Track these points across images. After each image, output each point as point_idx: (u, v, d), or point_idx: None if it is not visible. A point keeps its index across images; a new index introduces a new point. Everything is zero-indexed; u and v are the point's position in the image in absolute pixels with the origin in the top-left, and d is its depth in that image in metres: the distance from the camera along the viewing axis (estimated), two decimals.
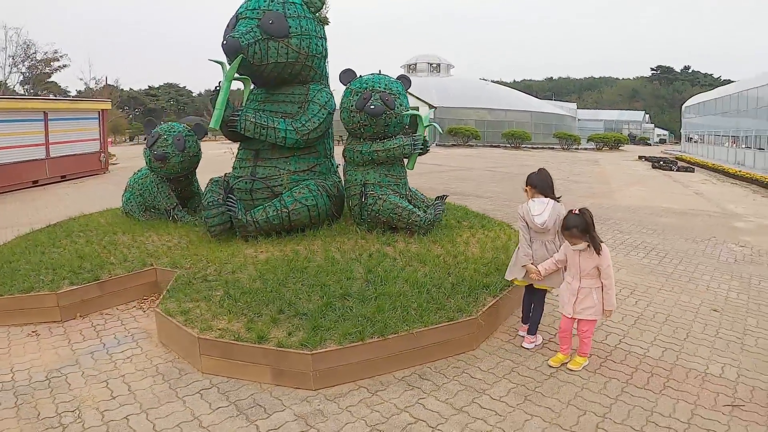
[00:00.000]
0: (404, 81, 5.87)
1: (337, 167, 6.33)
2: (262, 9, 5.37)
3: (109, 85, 44.81)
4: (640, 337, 4.24)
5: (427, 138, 5.78)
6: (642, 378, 3.53)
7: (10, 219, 9.88)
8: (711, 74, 78.26)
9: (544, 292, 4.02)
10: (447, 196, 6.19)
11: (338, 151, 5.97)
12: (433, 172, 17.51)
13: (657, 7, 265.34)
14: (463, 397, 3.19)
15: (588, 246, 3.51)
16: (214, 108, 5.39)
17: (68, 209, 10.34)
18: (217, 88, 5.48)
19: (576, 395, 3.26)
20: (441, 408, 3.07)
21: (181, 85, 74.55)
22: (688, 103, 39.77)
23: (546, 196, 3.95)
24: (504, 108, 39.72)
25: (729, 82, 68.23)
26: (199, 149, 7.05)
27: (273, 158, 5.74)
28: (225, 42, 5.20)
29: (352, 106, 5.53)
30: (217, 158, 13.13)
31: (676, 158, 28.25)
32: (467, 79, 47.49)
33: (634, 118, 62.75)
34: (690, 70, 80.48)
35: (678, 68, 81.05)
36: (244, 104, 5.63)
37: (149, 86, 69.10)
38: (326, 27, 5.87)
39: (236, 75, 5.39)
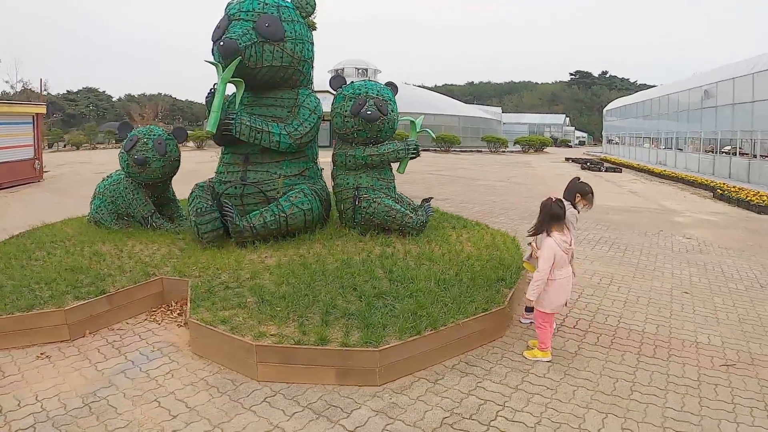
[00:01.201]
0: (393, 87, 6.37)
1: (321, 171, 6.69)
2: (256, 11, 5.62)
3: (28, 89, 42.35)
4: (633, 317, 5.00)
5: (417, 143, 6.30)
6: (649, 349, 4.26)
7: None
8: (627, 78, 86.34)
9: None
10: (432, 198, 6.75)
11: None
12: None
13: (572, 12, 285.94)
14: (514, 378, 3.70)
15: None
16: (209, 111, 5.54)
17: (14, 219, 10.06)
18: (213, 90, 5.65)
19: (603, 367, 3.91)
20: (500, 389, 3.55)
21: (101, 90, 73.44)
22: (609, 106, 43.48)
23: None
24: (433, 112, 41.34)
25: (644, 86, 75.32)
26: (179, 154, 7.06)
27: (264, 162, 5.99)
28: (222, 43, 5.38)
29: (346, 111, 5.93)
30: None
31: (601, 159, 30.81)
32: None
33: (555, 121, 67.47)
34: (607, 75, 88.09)
35: (596, 73, 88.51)
36: (236, 107, 5.84)
37: (68, 90, 66.54)
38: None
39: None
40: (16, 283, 4.82)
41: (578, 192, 4.46)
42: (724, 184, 16.91)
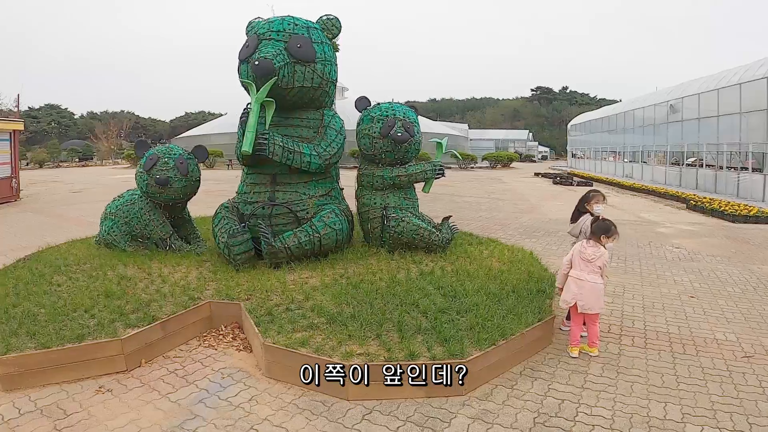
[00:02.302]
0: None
1: (342, 190, 7.02)
2: (287, 31, 5.86)
3: None
4: (655, 320, 5.55)
5: (442, 164, 6.75)
6: (679, 347, 4.81)
7: None
8: (587, 94, 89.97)
9: None
10: (451, 216, 7.22)
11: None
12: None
13: (532, 29, 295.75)
14: (577, 379, 4.14)
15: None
16: (243, 131, 5.72)
17: (4, 241, 10.15)
18: (247, 110, 5.84)
19: (647, 365, 4.41)
20: (569, 389, 3.97)
21: (63, 107, 72.68)
22: (573, 121, 45.31)
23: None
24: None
25: (604, 100, 78.47)
26: (200, 173, 7.06)
27: (292, 183, 6.22)
28: (257, 63, 5.56)
29: (374, 132, 6.32)
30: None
31: (568, 174, 32.13)
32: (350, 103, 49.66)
33: (519, 136, 69.71)
34: (568, 90, 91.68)
35: (557, 89, 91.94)
36: (267, 127, 5.91)
37: (29, 107, 65.29)
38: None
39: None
40: (50, 311, 4.71)
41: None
42: (694, 195, 18.06)
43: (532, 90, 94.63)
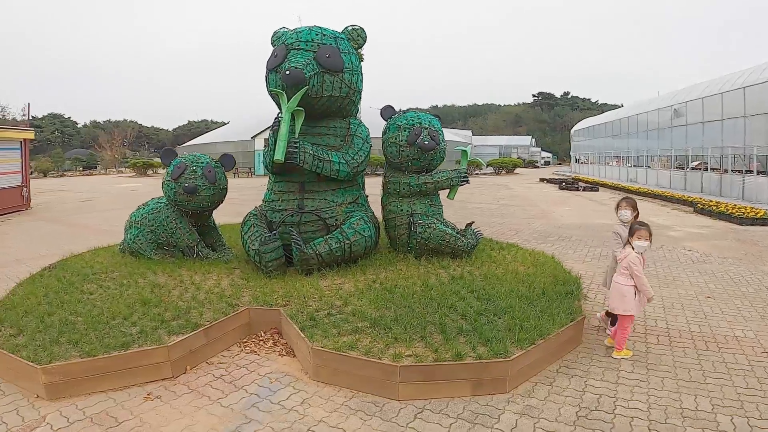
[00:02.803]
0: (438, 117, 7.08)
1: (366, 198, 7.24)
2: (315, 42, 6.04)
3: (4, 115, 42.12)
4: (676, 320, 5.77)
5: (467, 171, 7.00)
6: (702, 345, 5.03)
7: None
8: (589, 98, 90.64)
9: None
10: (474, 222, 7.44)
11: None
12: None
13: (533, 34, 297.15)
14: (610, 375, 4.35)
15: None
16: (275, 140, 5.87)
17: (23, 250, 10.30)
18: (278, 120, 5.99)
19: (674, 361, 4.63)
20: (604, 385, 4.18)
21: (66, 116, 73.80)
22: (577, 126, 45.58)
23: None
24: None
25: (606, 105, 78.85)
26: (227, 182, 7.19)
27: (321, 190, 6.40)
28: (288, 72, 5.72)
29: (401, 141, 6.55)
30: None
31: (573, 179, 32.35)
32: (365, 110, 50.08)
33: (522, 142, 69.99)
34: (569, 96, 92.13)
35: (558, 94, 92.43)
36: (297, 135, 6.03)
37: (33, 116, 66.63)
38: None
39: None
40: (87, 320, 4.79)
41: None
42: (700, 198, 18.30)
43: (534, 95, 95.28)
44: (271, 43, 6.63)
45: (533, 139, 75.10)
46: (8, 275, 8.02)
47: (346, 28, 6.62)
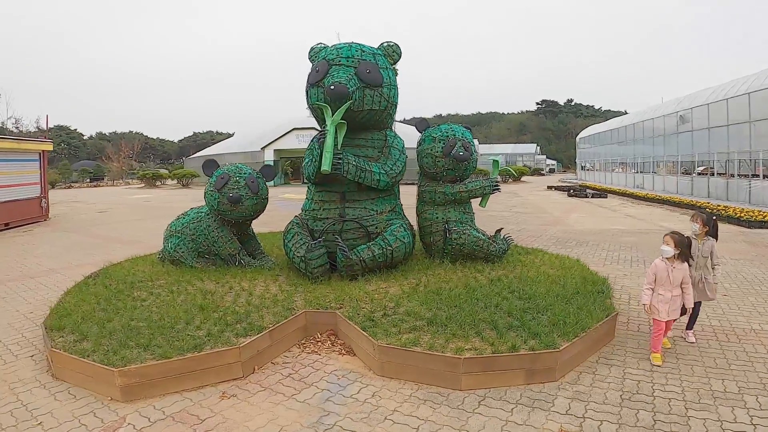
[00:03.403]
0: (469, 129, 7.58)
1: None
2: (356, 58, 6.45)
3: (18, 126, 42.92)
4: (698, 317, 6.28)
5: (498, 180, 7.50)
6: (723, 336, 5.47)
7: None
8: (592, 105, 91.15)
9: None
10: (502, 228, 7.93)
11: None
12: None
13: (535, 42, 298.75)
14: (645, 365, 4.79)
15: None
16: (321, 152, 6.22)
17: (55, 259, 10.63)
18: (323, 132, 6.33)
19: (700, 351, 5.10)
20: (641, 372, 4.63)
21: (72, 128, 75.01)
22: (582, 134, 46.15)
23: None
24: (414, 147, 43.13)
25: (609, 111, 79.39)
26: (268, 192, 7.53)
27: (361, 200, 6.81)
28: (333, 87, 6.06)
29: (437, 152, 7.03)
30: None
31: (580, 186, 32.81)
32: None
33: (527, 150, 70.67)
34: (573, 103, 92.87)
35: (561, 101, 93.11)
36: (339, 147, 6.32)
37: (38, 128, 67.90)
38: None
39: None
40: (151, 324, 5.09)
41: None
42: (708, 203, 18.74)
43: (538, 103, 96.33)
44: (309, 59, 7.04)
45: (538, 147, 75.71)
46: (45, 284, 8.47)
47: (382, 44, 7.04)
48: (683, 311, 5.28)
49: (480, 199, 7.49)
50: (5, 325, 6.33)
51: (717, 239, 5.59)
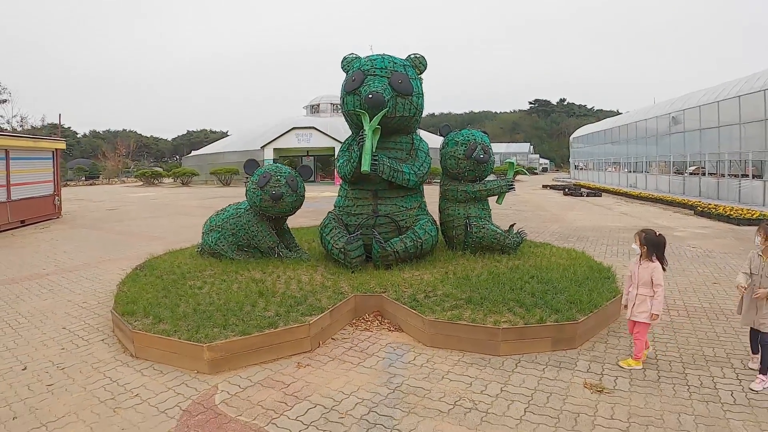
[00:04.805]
0: (486, 133, 8.49)
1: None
2: (389, 69, 7.24)
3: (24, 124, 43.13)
4: (690, 300, 7.13)
5: (512, 180, 8.42)
6: (713, 315, 6.40)
7: (24, 266, 10.33)
8: (585, 105, 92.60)
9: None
10: (515, 223, 8.83)
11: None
12: None
13: (528, 41, 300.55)
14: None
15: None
16: (361, 154, 6.99)
17: (81, 256, 11.17)
18: (362, 136, 7.06)
19: (693, 327, 6.04)
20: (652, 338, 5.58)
21: (66, 126, 74.98)
22: (575, 134, 47.24)
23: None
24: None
25: (601, 111, 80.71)
26: (305, 190, 8.24)
27: (392, 197, 7.62)
28: (371, 96, 6.78)
29: (459, 154, 7.95)
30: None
31: (574, 185, 33.84)
32: None
33: (521, 149, 71.84)
34: (565, 102, 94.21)
35: (554, 101, 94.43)
36: (373, 150, 6.99)
37: (32, 126, 68.03)
38: None
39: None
40: (220, 307, 5.71)
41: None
42: (699, 201, 19.79)
43: (530, 102, 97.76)
44: (342, 68, 7.80)
45: (531, 146, 76.89)
46: (86, 276, 9.12)
47: (410, 56, 7.82)
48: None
49: (497, 197, 8.39)
50: (64, 314, 6.82)
51: None
